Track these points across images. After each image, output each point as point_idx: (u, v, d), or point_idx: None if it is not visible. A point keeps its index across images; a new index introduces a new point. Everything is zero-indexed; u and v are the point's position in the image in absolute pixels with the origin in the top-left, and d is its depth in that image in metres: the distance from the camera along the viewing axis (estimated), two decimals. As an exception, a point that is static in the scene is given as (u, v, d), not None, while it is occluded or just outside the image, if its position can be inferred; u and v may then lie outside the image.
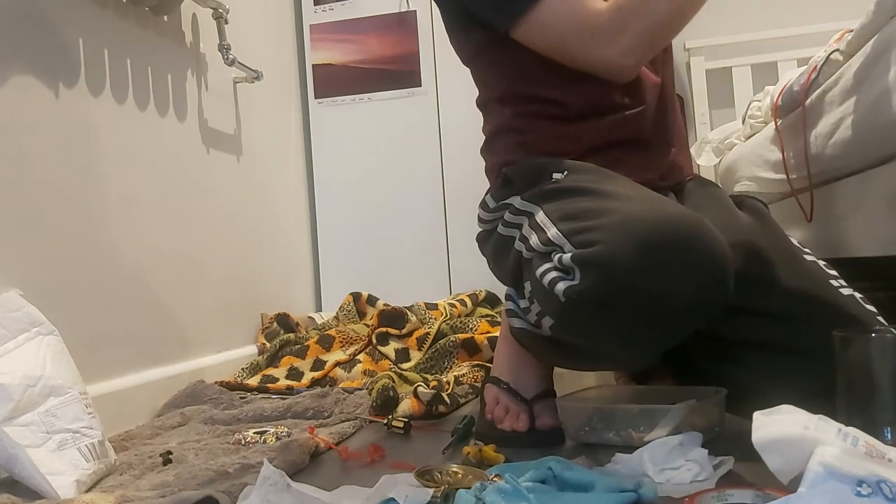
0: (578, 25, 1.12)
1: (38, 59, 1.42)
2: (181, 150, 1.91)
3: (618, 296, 0.89)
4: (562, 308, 0.95)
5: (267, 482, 0.81)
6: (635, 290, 0.88)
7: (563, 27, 1.13)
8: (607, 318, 0.92)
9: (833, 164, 1.24)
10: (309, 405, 1.50)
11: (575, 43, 1.14)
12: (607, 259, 0.89)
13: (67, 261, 1.45)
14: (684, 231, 0.91)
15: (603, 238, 0.91)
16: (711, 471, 0.87)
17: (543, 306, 1.01)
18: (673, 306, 0.90)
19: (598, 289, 0.90)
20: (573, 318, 0.96)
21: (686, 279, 0.89)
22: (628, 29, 1.11)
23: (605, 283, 0.89)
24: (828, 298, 1.03)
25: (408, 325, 2.05)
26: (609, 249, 0.90)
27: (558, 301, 0.94)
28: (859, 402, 0.85)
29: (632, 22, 1.10)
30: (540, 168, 1.13)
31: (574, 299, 0.92)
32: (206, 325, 1.93)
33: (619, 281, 0.89)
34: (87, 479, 1.07)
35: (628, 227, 0.90)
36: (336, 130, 2.68)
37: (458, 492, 0.81)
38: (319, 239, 2.70)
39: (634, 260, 0.88)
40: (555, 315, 0.99)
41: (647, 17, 1.10)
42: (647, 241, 0.89)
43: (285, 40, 2.67)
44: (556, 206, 1.03)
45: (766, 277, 1.06)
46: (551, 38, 1.14)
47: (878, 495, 0.60)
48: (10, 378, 1.06)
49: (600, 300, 0.90)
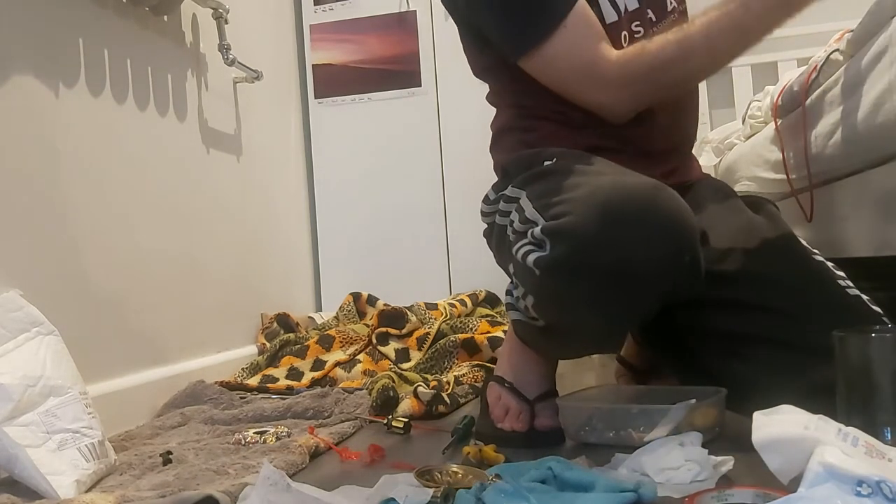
0: (584, 70, 1.13)
1: (38, 59, 1.42)
2: (181, 150, 1.91)
3: (584, 263, 0.93)
4: (537, 281, 0.99)
5: (267, 482, 0.81)
6: (600, 256, 0.92)
7: (569, 67, 1.14)
8: (576, 285, 0.95)
9: (833, 164, 1.24)
10: (309, 405, 1.50)
11: (577, 84, 1.15)
12: (573, 228, 0.93)
13: (67, 261, 1.45)
14: (643, 198, 0.94)
15: (571, 209, 0.95)
16: (711, 471, 0.87)
17: (523, 284, 1.05)
18: (636, 271, 0.93)
19: (565, 257, 0.94)
20: (546, 290, 1.00)
21: (646, 244, 0.92)
22: (633, 86, 1.13)
23: (571, 250, 0.93)
24: (835, 298, 1.04)
25: (408, 325, 2.05)
26: (575, 219, 0.94)
27: (533, 274, 0.98)
28: (859, 402, 0.85)
29: (639, 80, 1.12)
30: (532, 157, 1.15)
31: (544, 269, 0.96)
32: (206, 325, 1.93)
33: (585, 248, 0.92)
34: (87, 479, 1.07)
35: (593, 197, 0.94)
36: (336, 130, 2.68)
37: (458, 492, 0.81)
38: (319, 239, 2.70)
39: (597, 227, 0.92)
40: (532, 290, 1.03)
41: (653, 82, 1.12)
42: (608, 208, 0.93)
43: (285, 40, 2.67)
44: (537, 187, 1.06)
45: (773, 275, 1.07)
46: (555, 75, 1.16)
47: (878, 495, 0.60)
48: (10, 378, 1.06)
49: (568, 268, 0.94)
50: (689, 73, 1.14)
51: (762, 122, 1.76)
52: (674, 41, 1.10)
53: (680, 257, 0.95)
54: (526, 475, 0.85)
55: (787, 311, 1.04)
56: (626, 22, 1.18)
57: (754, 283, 1.07)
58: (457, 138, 2.58)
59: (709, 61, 1.12)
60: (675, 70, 1.11)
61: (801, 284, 1.06)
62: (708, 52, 1.10)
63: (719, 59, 1.14)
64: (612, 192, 0.95)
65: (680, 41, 1.10)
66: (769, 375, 1.02)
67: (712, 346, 1.10)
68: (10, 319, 1.15)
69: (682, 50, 1.09)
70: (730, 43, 1.09)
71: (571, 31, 1.12)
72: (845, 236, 1.25)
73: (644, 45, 1.13)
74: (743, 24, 1.06)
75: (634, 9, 1.19)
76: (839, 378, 0.87)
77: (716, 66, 1.16)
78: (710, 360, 1.12)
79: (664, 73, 1.11)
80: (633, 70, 1.12)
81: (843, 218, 1.26)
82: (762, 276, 1.07)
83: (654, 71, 1.11)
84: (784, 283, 1.06)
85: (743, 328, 1.06)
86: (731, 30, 1.07)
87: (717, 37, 1.08)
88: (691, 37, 1.09)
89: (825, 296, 1.04)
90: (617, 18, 1.17)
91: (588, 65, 1.13)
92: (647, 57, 1.11)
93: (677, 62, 1.10)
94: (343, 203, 2.68)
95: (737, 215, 1.19)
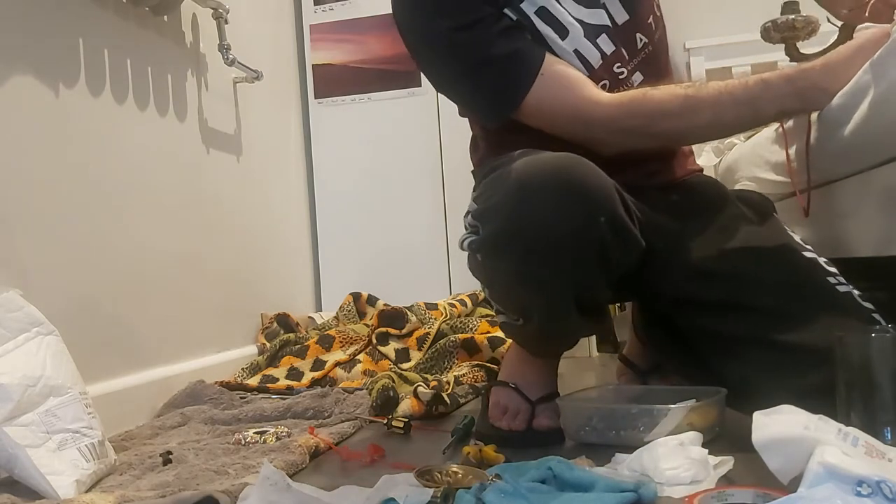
0: (572, 113, 1.13)
1: (39, 59, 1.42)
2: (181, 150, 1.91)
3: (508, 237, 0.99)
4: (477, 265, 1.07)
5: (267, 482, 0.81)
6: (519, 228, 0.98)
7: (556, 112, 1.14)
8: (504, 259, 1.01)
9: (834, 164, 1.24)
10: (309, 405, 1.50)
11: (565, 125, 1.15)
12: (496, 206, 1.01)
13: (67, 261, 1.45)
14: (552, 168, 0.99)
15: (496, 192, 1.02)
16: (711, 471, 0.87)
17: (475, 276, 1.11)
18: (554, 237, 0.97)
19: (491, 234, 1.01)
20: (487, 273, 1.08)
21: (557, 209, 0.96)
22: (627, 128, 1.12)
23: (495, 227, 1.00)
24: (824, 295, 1.04)
25: (408, 325, 2.05)
26: (497, 199, 1.01)
27: (475, 260, 1.06)
28: (859, 402, 0.85)
29: (635, 123, 1.12)
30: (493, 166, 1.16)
31: (478, 251, 1.04)
32: (206, 325, 1.93)
33: (505, 222, 0.99)
34: (87, 479, 1.07)
35: (513, 176, 1.00)
36: (336, 130, 2.68)
37: (458, 492, 0.81)
38: (319, 239, 2.70)
39: (514, 201, 0.98)
40: (480, 277, 1.10)
41: (649, 128, 1.12)
42: (521, 182, 0.99)
43: (285, 40, 2.67)
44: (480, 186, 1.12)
45: (762, 274, 1.08)
46: (543, 120, 1.15)
47: (878, 495, 0.60)
48: (10, 378, 1.06)
49: (494, 243, 1.02)
50: (687, 130, 1.12)
51: (762, 122, 1.76)
52: (682, 95, 1.09)
53: (594, 219, 0.97)
54: (526, 475, 0.85)
55: (775, 311, 1.04)
56: (606, 69, 1.18)
57: (742, 283, 1.08)
58: (457, 138, 2.56)
59: (711, 126, 1.11)
60: (674, 123, 1.10)
61: (790, 283, 1.06)
62: (713, 116, 1.09)
63: (722, 127, 1.14)
64: (524, 168, 1.00)
65: (688, 97, 1.09)
66: (765, 374, 1.03)
67: (709, 347, 1.10)
68: (10, 319, 1.15)
69: (687, 106, 1.09)
70: (737, 115, 1.08)
71: (549, 79, 1.13)
72: (845, 236, 1.25)
73: (648, 91, 1.12)
74: (756, 100, 1.06)
75: (612, 52, 1.19)
76: (839, 378, 0.87)
77: (717, 132, 1.17)
78: (709, 360, 1.12)
79: (663, 123, 1.11)
80: (629, 112, 1.11)
81: (843, 217, 1.26)
82: (750, 276, 1.08)
83: (653, 118, 1.11)
84: (772, 282, 1.07)
85: (733, 329, 1.06)
86: (743, 103, 1.06)
87: (727, 105, 1.07)
88: (701, 97, 1.09)
89: (814, 293, 1.04)
90: (588, 73, 1.16)
91: (575, 107, 1.13)
92: (650, 104, 1.10)
93: (679, 116, 1.10)
94: (343, 203, 2.68)
95: (726, 215, 1.19)
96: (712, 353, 1.10)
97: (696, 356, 1.14)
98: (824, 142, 1.22)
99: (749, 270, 1.08)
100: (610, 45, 1.18)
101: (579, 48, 1.17)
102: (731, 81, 1.08)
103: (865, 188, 1.17)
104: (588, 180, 0.98)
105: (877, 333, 0.87)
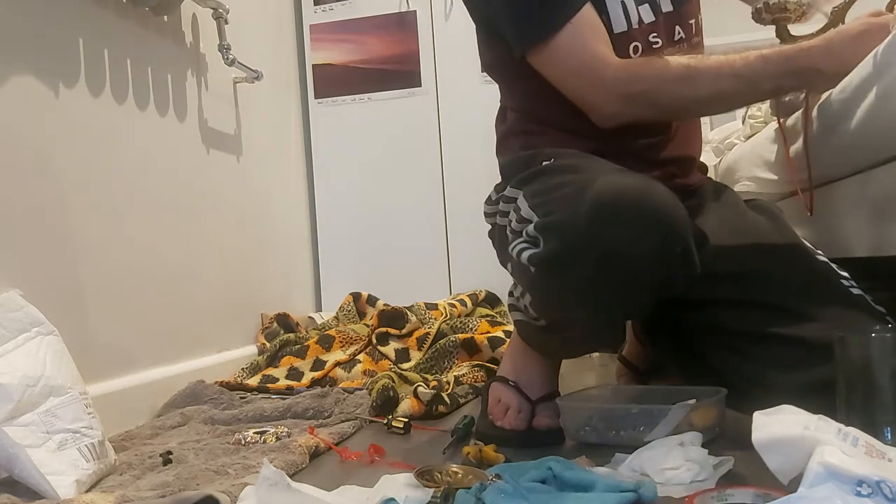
0: (584, 68, 1.13)
1: (38, 59, 1.42)
2: (181, 150, 1.91)
3: (574, 256, 0.94)
4: (532, 279, 1.01)
5: (267, 482, 0.81)
6: (590, 249, 0.93)
7: (570, 64, 1.14)
8: (568, 280, 0.96)
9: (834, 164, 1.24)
10: (309, 405, 1.50)
11: (575, 80, 1.15)
12: (563, 223, 0.96)
13: (67, 261, 1.45)
14: (633, 193, 0.95)
15: (562, 206, 0.97)
16: (711, 471, 0.87)
17: (520, 282, 1.07)
18: (626, 263, 0.93)
19: (556, 251, 0.96)
20: (542, 287, 1.02)
21: (635, 236, 0.93)
22: (629, 93, 1.12)
23: (561, 244, 0.95)
24: (839, 296, 1.05)
25: (408, 325, 2.04)
26: (565, 215, 0.96)
27: (528, 271, 1.00)
28: (859, 402, 0.85)
29: (637, 89, 1.12)
30: (531, 157, 1.16)
31: (538, 266, 0.98)
32: (206, 326, 1.93)
33: (574, 241, 0.94)
34: (87, 479, 1.07)
35: (584, 193, 0.95)
36: (336, 130, 2.68)
37: (458, 492, 0.81)
38: (319, 239, 2.70)
39: (587, 222, 0.93)
40: (529, 288, 1.05)
41: (650, 94, 1.12)
42: (598, 203, 0.94)
43: (285, 40, 2.67)
44: (533, 186, 1.07)
45: (778, 274, 1.09)
46: (557, 71, 1.16)
47: (878, 495, 0.60)
48: (10, 378, 1.06)
49: (560, 263, 0.96)
50: (686, 100, 1.12)
51: (762, 122, 1.76)
52: (683, 65, 1.10)
53: (670, 249, 0.95)
54: (526, 475, 0.85)
55: (792, 310, 1.04)
56: (641, 34, 1.18)
57: (758, 282, 1.08)
58: (457, 138, 2.58)
59: (711, 97, 1.11)
60: (674, 92, 1.11)
61: (806, 283, 1.07)
62: (713, 87, 1.09)
63: (721, 100, 1.14)
64: (602, 188, 0.95)
65: (689, 67, 1.10)
66: (772, 372, 1.03)
67: (715, 344, 1.11)
68: (10, 319, 1.15)
69: (688, 75, 1.09)
70: (736, 87, 1.08)
71: (577, 29, 1.12)
72: (845, 236, 1.25)
73: (652, 59, 1.13)
74: (755, 75, 1.06)
75: (650, 21, 1.19)
76: (839, 378, 0.87)
77: (716, 103, 1.16)
78: (713, 357, 1.12)
79: (663, 90, 1.11)
80: (634, 76, 1.12)
81: (843, 217, 1.26)
82: (767, 275, 1.08)
83: (654, 84, 1.11)
84: (789, 281, 1.08)
85: (746, 326, 1.06)
86: (742, 77, 1.07)
87: (727, 78, 1.07)
88: (701, 68, 1.09)
89: (830, 294, 1.05)
90: (626, 29, 1.17)
91: (588, 63, 1.13)
92: (653, 70, 1.11)
93: (679, 85, 1.10)
94: (343, 203, 2.68)
95: (739, 216, 1.21)
96: (720, 352, 1.10)
97: (697, 356, 1.14)
98: (825, 138, 1.22)
99: (766, 270, 1.09)
100: (650, 16, 1.19)
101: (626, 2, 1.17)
102: (732, 55, 1.08)
103: (865, 188, 1.17)
104: (667, 208, 0.95)
105: (877, 333, 0.87)
